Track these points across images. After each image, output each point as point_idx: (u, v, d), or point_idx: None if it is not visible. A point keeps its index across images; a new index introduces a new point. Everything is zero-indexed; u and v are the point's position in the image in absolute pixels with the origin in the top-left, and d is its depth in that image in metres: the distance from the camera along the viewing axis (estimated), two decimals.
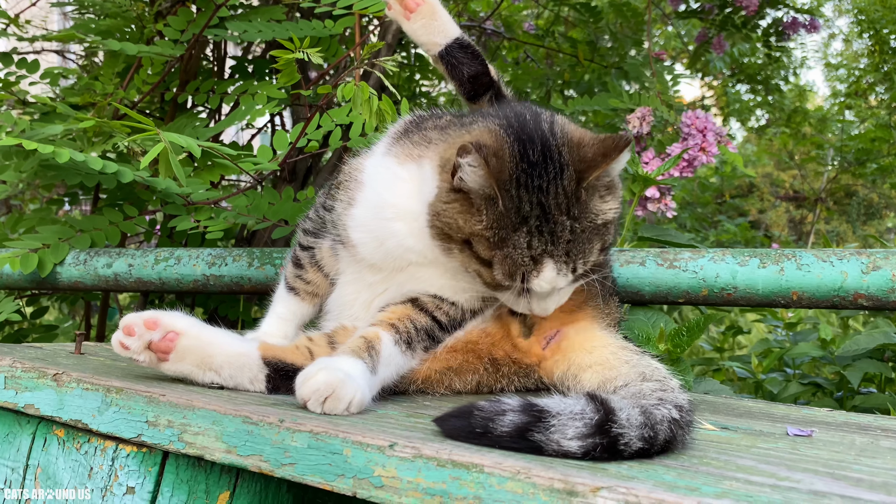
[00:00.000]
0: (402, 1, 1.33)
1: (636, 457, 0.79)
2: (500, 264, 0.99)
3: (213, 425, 0.85)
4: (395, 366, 1.04)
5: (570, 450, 0.77)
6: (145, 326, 0.97)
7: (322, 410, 0.88)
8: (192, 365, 0.99)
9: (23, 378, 1.02)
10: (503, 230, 0.97)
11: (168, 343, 0.97)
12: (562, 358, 1.11)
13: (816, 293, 1.33)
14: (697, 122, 2.34)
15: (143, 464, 0.93)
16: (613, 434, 0.78)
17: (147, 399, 0.91)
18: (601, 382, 1.02)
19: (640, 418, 0.81)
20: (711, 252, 1.40)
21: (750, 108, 8.70)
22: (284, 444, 0.81)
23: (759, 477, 0.73)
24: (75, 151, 1.59)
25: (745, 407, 1.15)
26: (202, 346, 0.99)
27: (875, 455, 0.86)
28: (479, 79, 1.32)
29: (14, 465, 1.04)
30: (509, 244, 0.97)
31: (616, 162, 1.01)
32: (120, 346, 0.98)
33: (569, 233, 0.98)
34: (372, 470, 0.75)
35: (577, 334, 1.12)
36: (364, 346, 1.00)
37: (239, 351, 1.02)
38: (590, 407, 0.81)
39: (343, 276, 1.23)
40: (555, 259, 0.98)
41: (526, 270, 0.98)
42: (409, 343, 1.06)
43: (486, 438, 0.78)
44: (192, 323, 1.01)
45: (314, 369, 0.91)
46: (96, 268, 1.84)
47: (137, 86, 2.30)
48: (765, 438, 0.93)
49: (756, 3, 4.26)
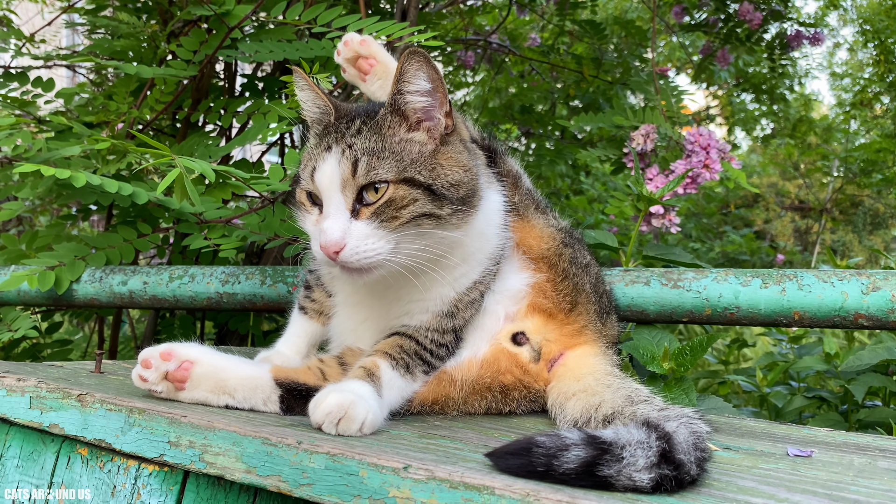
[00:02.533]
0: (355, 63, 1.35)
1: (693, 483, 0.78)
2: (303, 171, 1.09)
3: (234, 446, 0.89)
4: (397, 389, 1.07)
5: (641, 483, 0.74)
6: (161, 358, 1.03)
7: (336, 432, 0.91)
8: (206, 391, 1.04)
9: (48, 398, 1.06)
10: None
11: (183, 372, 1.03)
12: (556, 384, 1.14)
13: (818, 313, 1.36)
14: (701, 139, 2.37)
15: (164, 482, 0.96)
16: (677, 461, 0.77)
17: (169, 420, 0.94)
18: (584, 409, 1.05)
19: (692, 439, 0.81)
20: (714, 272, 1.43)
21: (755, 117, 8.71)
22: (302, 465, 0.84)
23: (759, 499, 0.76)
24: (91, 175, 1.63)
25: (747, 427, 1.17)
26: (215, 372, 1.04)
27: (872, 476, 0.89)
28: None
29: (38, 482, 1.07)
30: (311, 152, 1.10)
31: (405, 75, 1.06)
32: (140, 380, 1.04)
33: (356, 132, 1.06)
34: (387, 491, 0.78)
35: (575, 360, 1.16)
36: (365, 374, 1.04)
37: (251, 374, 1.06)
38: (652, 435, 0.80)
39: (337, 297, 1.28)
40: (339, 146, 1.05)
41: (316, 164, 1.06)
42: (406, 367, 1.10)
43: (549, 477, 0.75)
44: (205, 351, 1.06)
45: (325, 393, 0.95)
46: (112, 285, 1.87)
47: (151, 104, 2.34)
48: (766, 459, 0.95)
49: (760, 17, 4.30)
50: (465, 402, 1.16)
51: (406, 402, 1.12)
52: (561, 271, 1.20)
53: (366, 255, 1.02)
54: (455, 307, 1.16)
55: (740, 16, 4.31)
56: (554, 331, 1.19)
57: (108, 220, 2.43)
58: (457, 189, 1.08)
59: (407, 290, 1.14)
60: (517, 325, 1.20)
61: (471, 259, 1.15)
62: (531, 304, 1.20)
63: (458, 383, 1.15)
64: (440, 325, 1.16)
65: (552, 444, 0.78)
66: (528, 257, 1.22)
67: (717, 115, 8.39)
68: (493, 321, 1.20)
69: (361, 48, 1.31)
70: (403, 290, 1.15)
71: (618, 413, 1.01)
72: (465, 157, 1.12)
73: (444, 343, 1.16)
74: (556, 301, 1.19)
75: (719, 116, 8.45)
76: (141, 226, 2.07)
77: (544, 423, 1.12)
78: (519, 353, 1.18)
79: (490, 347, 1.18)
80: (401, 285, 1.13)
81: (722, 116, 8.50)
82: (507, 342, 1.18)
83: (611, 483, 0.75)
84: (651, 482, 0.75)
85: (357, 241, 1.02)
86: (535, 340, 1.18)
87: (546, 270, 1.20)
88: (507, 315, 1.20)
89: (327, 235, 1.02)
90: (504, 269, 1.23)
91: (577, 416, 1.05)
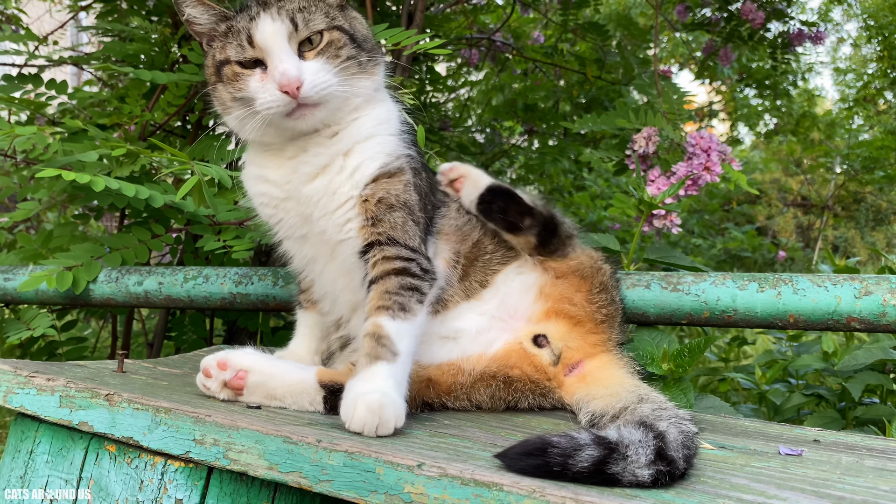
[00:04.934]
0: (452, 185, 1.39)
1: (682, 477, 0.86)
2: (229, 49, 1.19)
3: (256, 444, 0.94)
4: (407, 336, 1.11)
5: (643, 478, 0.82)
6: (218, 367, 1.14)
7: (377, 435, 0.97)
8: (261, 398, 1.15)
9: (77, 398, 1.11)
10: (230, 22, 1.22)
11: (239, 381, 1.13)
12: (583, 386, 1.21)
13: (812, 316, 1.41)
14: (702, 142, 2.42)
15: (190, 478, 1.02)
16: (670, 458, 0.85)
17: (194, 419, 1.00)
18: (605, 406, 1.12)
19: (681, 438, 0.89)
20: (713, 276, 1.48)
21: (758, 112, 8.72)
22: (322, 463, 0.89)
23: (750, 495, 0.81)
24: (109, 179, 1.69)
25: (742, 426, 1.23)
26: (266, 381, 1.15)
27: (859, 474, 0.94)
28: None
29: (68, 476, 1.13)
30: (234, 27, 1.20)
31: None
32: (204, 388, 1.16)
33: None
34: (402, 487, 0.83)
35: (598, 370, 1.23)
36: (373, 343, 1.08)
37: (298, 379, 1.16)
38: (649, 434, 0.88)
39: (301, 261, 1.36)
40: (270, 10, 1.16)
41: (250, 30, 1.16)
42: (402, 307, 1.13)
43: (564, 476, 0.81)
44: (257, 359, 1.16)
45: (351, 402, 1.00)
46: (127, 285, 1.93)
47: (163, 107, 2.40)
48: (758, 457, 1.01)
49: (762, 17, 4.34)
50: (472, 387, 1.23)
51: (427, 385, 1.19)
52: (599, 283, 1.30)
53: (322, 86, 1.16)
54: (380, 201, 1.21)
55: (742, 14, 4.34)
56: (577, 339, 1.26)
57: (122, 220, 2.49)
58: (366, 42, 1.25)
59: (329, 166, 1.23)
60: (539, 327, 1.27)
61: (379, 127, 1.26)
62: (554, 308, 1.27)
63: (467, 373, 1.23)
64: (383, 230, 1.20)
65: (567, 444, 0.84)
66: (556, 274, 1.30)
67: (720, 110, 8.43)
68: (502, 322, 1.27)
69: (452, 174, 1.39)
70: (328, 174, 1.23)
71: (624, 409, 1.08)
72: (361, 18, 1.30)
73: (412, 258, 1.19)
74: (588, 311, 1.28)
75: (722, 112, 8.49)
76: (154, 226, 2.13)
77: (548, 423, 1.18)
78: (539, 354, 1.25)
79: (505, 345, 1.25)
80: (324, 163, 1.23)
81: (725, 112, 8.53)
82: (529, 343, 1.26)
83: (618, 479, 0.82)
84: (651, 477, 0.82)
85: (313, 76, 1.16)
86: (557, 346, 1.26)
87: (575, 282, 1.29)
88: (527, 316, 1.27)
89: (287, 75, 1.13)
90: (510, 268, 1.31)
91: (599, 410, 1.12)
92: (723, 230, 8.20)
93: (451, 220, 1.33)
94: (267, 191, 1.27)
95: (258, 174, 1.27)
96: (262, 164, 1.27)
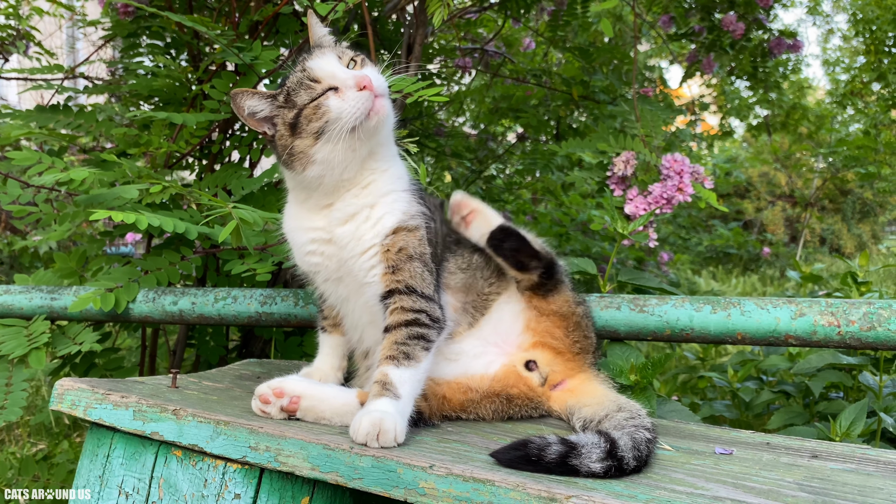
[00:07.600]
0: (463, 220, 1.62)
1: (633, 472, 1.14)
2: (300, 94, 1.38)
3: (301, 450, 1.20)
4: (409, 381, 1.32)
5: (596, 470, 1.11)
6: (275, 395, 1.36)
7: (378, 445, 1.20)
8: (311, 419, 1.37)
9: (148, 412, 1.37)
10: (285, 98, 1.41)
11: (293, 406, 1.36)
12: (573, 396, 1.49)
13: (756, 334, 1.67)
14: (675, 165, 2.68)
15: (245, 477, 1.28)
16: (619, 456, 1.13)
17: (249, 430, 1.26)
18: (592, 414, 1.39)
19: (631, 443, 1.17)
20: (673, 300, 1.74)
21: (749, 105, 8.86)
22: (354, 464, 1.15)
23: (682, 487, 1.07)
24: (153, 216, 1.93)
25: (690, 430, 1.49)
26: (316, 405, 1.36)
27: (773, 469, 1.21)
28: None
29: (140, 476, 1.39)
30: (291, 87, 1.40)
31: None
32: (260, 412, 1.37)
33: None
34: (418, 483, 1.09)
35: (581, 385, 1.52)
36: (379, 388, 1.30)
37: (343, 402, 1.37)
38: (602, 439, 1.16)
39: (332, 298, 1.59)
40: (313, 53, 1.42)
41: (314, 70, 1.38)
42: (406, 356, 1.34)
43: (539, 465, 1.10)
44: (307, 386, 1.38)
45: (359, 418, 1.22)
46: (164, 305, 2.18)
47: (186, 137, 2.64)
48: (697, 456, 1.27)
49: (742, 28, 4.59)
50: (480, 403, 1.49)
51: (443, 401, 1.44)
52: (574, 322, 1.56)
53: (382, 79, 1.39)
54: (400, 250, 1.41)
55: (724, 26, 4.60)
56: (560, 364, 1.54)
57: (149, 242, 2.74)
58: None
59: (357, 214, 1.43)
60: (529, 353, 1.54)
61: (396, 183, 1.47)
62: (541, 342, 1.54)
63: (474, 390, 1.49)
64: (402, 278, 1.39)
65: (541, 442, 1.14)
66: (540, 312, 1.56)
67: (710, 103, 8.64)
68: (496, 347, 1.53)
69: (463, 210, 1.61)
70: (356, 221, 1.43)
71: (605, 417, 1.36)
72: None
73: (425, 308, 1.38)
74: (567, 344, 1.55)
75: (713, 104, 8.70)
76: (183, 249, 2.38)
77: (532, 429, 1.44)
78: (530, 376, 1.53)
79: (503, 367, 1.52)
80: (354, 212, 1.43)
81: (716, 105, 8.75)
82: (521, 367, 1.53)
83: (578, 469, 1.11)
84: (602, 469, 1.11)
85: (373, 74, 1.38)
86: (544, 370, 1.53)
87: (556, 321, 1.55)
88: (517, 344, 1.54)
89: (359, 75, 1.35)
90: (501, 300, 1.56)
91: (586, 418, 1.40)
92: (709, 227, 8.46)
93: (459, 277, 1.55)
94: (314, 236, 1.45)
95: (299, 226, 1.48)
96: (302, 216, 1.48)
